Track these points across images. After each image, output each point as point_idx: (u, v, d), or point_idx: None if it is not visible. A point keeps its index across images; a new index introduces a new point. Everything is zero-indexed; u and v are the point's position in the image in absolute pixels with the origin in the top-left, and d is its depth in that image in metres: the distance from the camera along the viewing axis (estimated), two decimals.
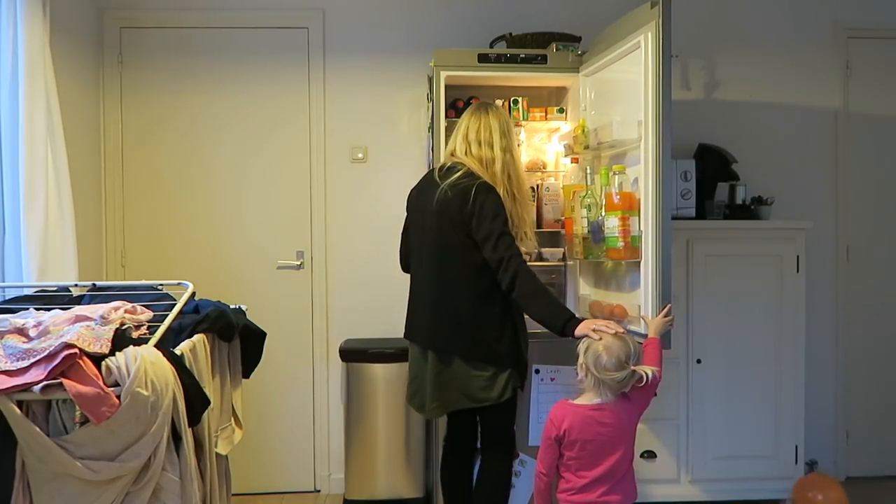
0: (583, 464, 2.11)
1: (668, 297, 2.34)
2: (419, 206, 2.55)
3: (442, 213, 2.41)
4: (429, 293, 2.47)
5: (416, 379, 2.54)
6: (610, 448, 2.10)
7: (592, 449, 2.10)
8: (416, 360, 2.55)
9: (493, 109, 2.53)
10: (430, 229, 2.46)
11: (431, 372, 2.44)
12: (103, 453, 1.67)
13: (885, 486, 3.50)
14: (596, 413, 2.11)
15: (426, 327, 2.47)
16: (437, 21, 3.47)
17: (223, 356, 2.27)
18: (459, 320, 2.39)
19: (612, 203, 2.51)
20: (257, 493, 3.44)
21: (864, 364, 3.59)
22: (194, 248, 3.44)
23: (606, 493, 2.10)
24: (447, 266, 2.42)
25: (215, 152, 3.46)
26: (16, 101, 2.56)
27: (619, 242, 2.48)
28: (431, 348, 2.45)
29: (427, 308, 2.47)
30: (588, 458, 2.10)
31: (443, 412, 2.50)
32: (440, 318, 2.43)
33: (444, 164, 2.52)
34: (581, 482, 2.11)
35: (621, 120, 2.57)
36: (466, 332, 2.38)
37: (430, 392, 2.46)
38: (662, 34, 2.31)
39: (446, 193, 2.39)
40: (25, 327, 1.82)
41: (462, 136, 2.51)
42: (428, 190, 2.50)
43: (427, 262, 2.48)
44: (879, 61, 3.61)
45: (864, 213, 3.61)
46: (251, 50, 3.45)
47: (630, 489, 2.16)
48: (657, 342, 2.23)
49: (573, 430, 2.11)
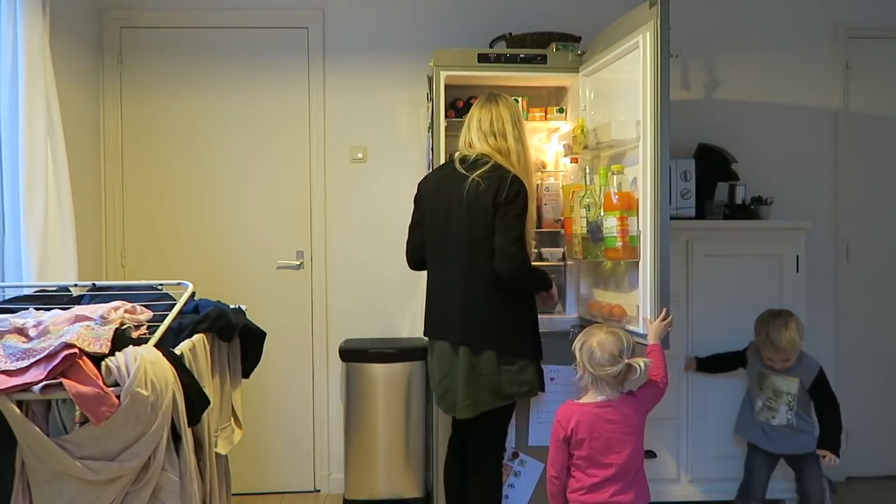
0: (592, 462, 2.12)
1: (666, 297, 2.34)
2: (441, 199, 2.49)
3: (474, 203, 2.38)
4: (458, 287, 2.42)
5: (447, 378, 2.47)
6: (618, 445, 2.11)
7: (600, 447, 2.11)
8: (445, 358, 2.48)
9: (502, 100, 2.53)
10: (457, 221, 2.42)
11: (463, 369, 2.40)
12: (103, 453, 1.67)
13: (884, 485, 3.50)
14: (601, 410, 2.12)
15: (459, 322, 2.41)
16: (437, 21, 3.47)
17: (223, 356, 2.27)
18: (491, 313, 2.39)
19: (611, 203, 2.51)
20: (257, 493, 3.44)
21: (864, 364, 3.59)
22: (194, 248, 3.44)
23: (618, 493, 2.10)
24: (477, 258, 2.39)
25: (215, 152, 3.46)
26: (15, 101, 2.56)
27: (618, 242, 2.48)
28: (465, 343, 2.40)
29: (458, 303, 2.42)
30: (597, 456, 2.11)
31: (475, 412, 2.41)
32: (473, 312, 2.40)
33: (467, 156, 2.49)
34: (591, 481, 2.12)
35: (621, 120, 2.57)
36: (499, 324, 2.40)
37: (461, 390, 2.41)
38: (661, 34, 2.31)
39: (478, 185, 2.38)
40: (25, 327, 1.82)
41: (476, 127, 2.51)
42: (452, 181, 2.46)
43: (455, 255, 2.43)
44: (879, 61, 3.62)
45: (864, 213, 3.61)
46: (251, 50, 3.45)
47: (642, 489, 2.16)
48: (658, 347, 2.25)
49: (580, 428, 2.12)
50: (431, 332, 2.55)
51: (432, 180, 2.60)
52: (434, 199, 2.53)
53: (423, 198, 2.59)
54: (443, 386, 2.50)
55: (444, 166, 2.64)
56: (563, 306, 3.24)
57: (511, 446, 2.79)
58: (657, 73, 2.33)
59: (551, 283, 2.59)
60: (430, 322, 2.56)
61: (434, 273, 2.56)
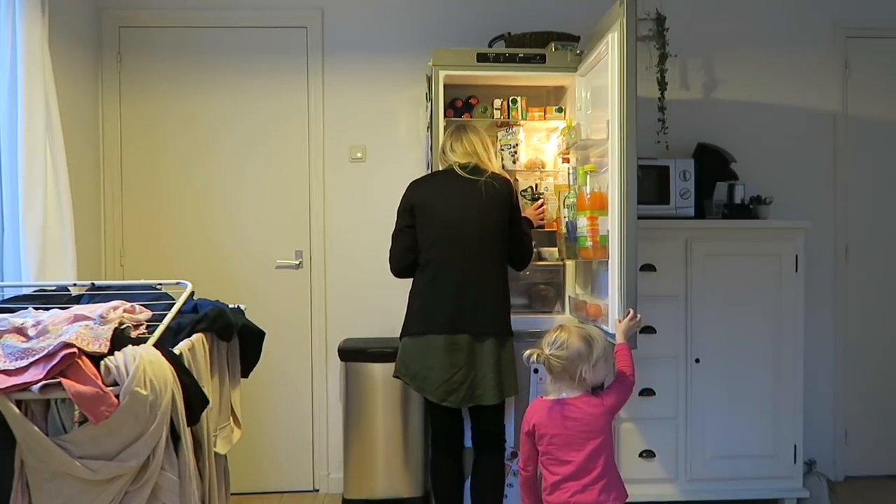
0: (552, 459, 2.13)
1: (632, 296, 2.34)
2: (454, 199, 2.59)
3: (492, 199, 2.58)
4: (477, 281, 2.54)
5: (460, 371, 2.50)
6: (578, 443, 2.10)
7: (560, 443, 2.12)
8: (459, 351, 2.51)
9: (471, 128, 2.76)
10: (475, 218, 2.55)
11: (492, 359, 2.51)
12: (102, 453, 1.67)
13: (884, 485, 3.50)
14: (559, 406, 2.13)
15: (485, 315, 2.53)
16: (436, 20, 3.47)
17: (222, 356, 2.27)
18: (504, 305, 2.60)
19: (583, 203, 2.53)
20: (256, 493, 3.44)
21: (863, 363, 3.59)
22: (193, 247, 3.44)
23: (578, 493, 2.08)
24: (492, 252, 2.58)
25: (214, 151, 3.46)
26: (14, 101, 2.57)
27: (588, 242, 2.51)
28: (493, 334, 2.53)
29: (481, 296, 2.54)
30: (556, 452, 2.12)
31: (499, 399, 2.54)
32: (495, 305, 2.56)
33: (467, 164, 2.65)
34: (553, 479, 2.13)
35: (597, 118, 2.58)
36: (508, 313, 2.61)
37: (491, 379, 2.50)
38: (626, 32, 2.30)
39: (493, 185, 2.60)
40: (24, 327, 1.82)
41: (460, 146, 2.72)
42: (457, 185, 2.61)
43: (473, 250, 2.55)
44: (878, 61, 3.62)
45: (863, 213, 3.61)
46: (250, 49, 3.45)
47: (612, 490, 2.11)
48: (625, 347, 2.27)
49: (541, 424, 2.15)
50: (441, 328, 2.52)
51: (435, 185, 2.66)
52: (446, 200, 2.59)
53: (425, 202, 2.61)
54: (456, 379, 2.51)
55: (447, 172, 2.69)
56: (561, 306, 3.25)
57: (510, 446, 2.80)
58: (623, 72, 2.31)
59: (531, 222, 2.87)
60: (438, 319, 2.53)
61: (441, 271, 2.56)
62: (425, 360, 2.54)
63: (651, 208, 3.10)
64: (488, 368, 2.50)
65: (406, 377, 2.61)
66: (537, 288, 3.28)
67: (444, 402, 2.52)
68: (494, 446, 2.66)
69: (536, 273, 3.26)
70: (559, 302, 3.26)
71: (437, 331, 2.52)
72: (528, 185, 3.24)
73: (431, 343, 2.53)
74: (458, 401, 2.52)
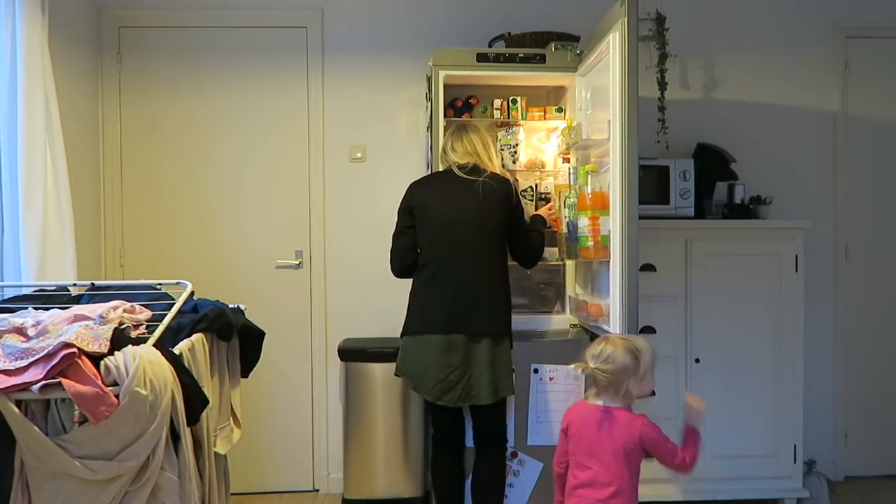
0: (576, 462, 2.12)
1: (634, 298, 2.35)
2: (450, 199, 2.60)
3: (489, 200, 2.58)
4: (475, 281, 2.54)
5: (457, 370, 2.52)
6: (599, 452, 2.06)
7: (585, 447, 2.10)
8: (456, 350, 2.52)
9: (471, 128, 2.75)
10: (472, 218, 2.56)
11: (487, 358, 2.51)
12: (102, 453, 1.67)
13: (883, 485, 3.50)
14: (598, 413, 2.10)
15: (481, 314, 2.53)
16: (436, 20, 3.47)
17: (222, 356, 2.27)
18: (503, 305, 2.58)
19: (584, 203, 2.53)
20: (256, 493, 3.44)
21: (863, 363, 3.59)
22: (193, 247, 3.44)
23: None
24: (490, 252, 2.58)
25: (214, 151, 3.46)
26: (14, 101, 2.56)
27: (589, 242, 2.51)
28: (489, 334, 2.52)
29: (477, 296, 2.54)
30: (580, 456, 2.11)
31: (494, 399, 2.53)
32: (494, 304, 2.55)
33: (465, 164, 2.65)
34: (573, 482, 2.12)
35: (603, 119, 2.57)
36: (508, 313, 2.60)
37: (486, 378, 2.50)
38: (628, 31, 2.30)
39: (491, 185, 2.60)
40: (24, 327, 1.81)
41: (460, 146, 2.71)
42: (455, 185, 2.61)
43: (470, 250, 2.56)
44: (878, 61, 3.62)
45: (863, 213, 3.61)
46: (250, 49, 3.45)
47: None
48: (698, 435, 2.21)
49: (573, 424, 2.14)
50: (438, 328, 2.53)
51: (433, 186, 2.67)
52: (443, 201, 2.61)
53: (423, 202, 2.63)
54: (452, 379, 2.52)
55: (446, 173, 2.70)
56: (561, 306, 3.25)
57: (510, 446, 2.80)
58: (625, 71, 2.31)
59: (545, 221, 2.90)
60: (436, 319, 2.54)
61: (439, 272, 2.57)
62: (422, 360, 2.56)
63: (651, 208, 3.10)
64: (483, 368, 2.51)
65: (405, 376, 2.63)
66: (537, 288, 3.28)
67: (439, 401, 2.54)
68: (495, 446, 2.67)
69: (536, 273, 3.25)
70: (559, 302, 3.26)
71: (434, 331, 2.54)
72: (528, 185, 3.24)
73: (428, 343, 2.54)
74: (454, 400, 2.53)
